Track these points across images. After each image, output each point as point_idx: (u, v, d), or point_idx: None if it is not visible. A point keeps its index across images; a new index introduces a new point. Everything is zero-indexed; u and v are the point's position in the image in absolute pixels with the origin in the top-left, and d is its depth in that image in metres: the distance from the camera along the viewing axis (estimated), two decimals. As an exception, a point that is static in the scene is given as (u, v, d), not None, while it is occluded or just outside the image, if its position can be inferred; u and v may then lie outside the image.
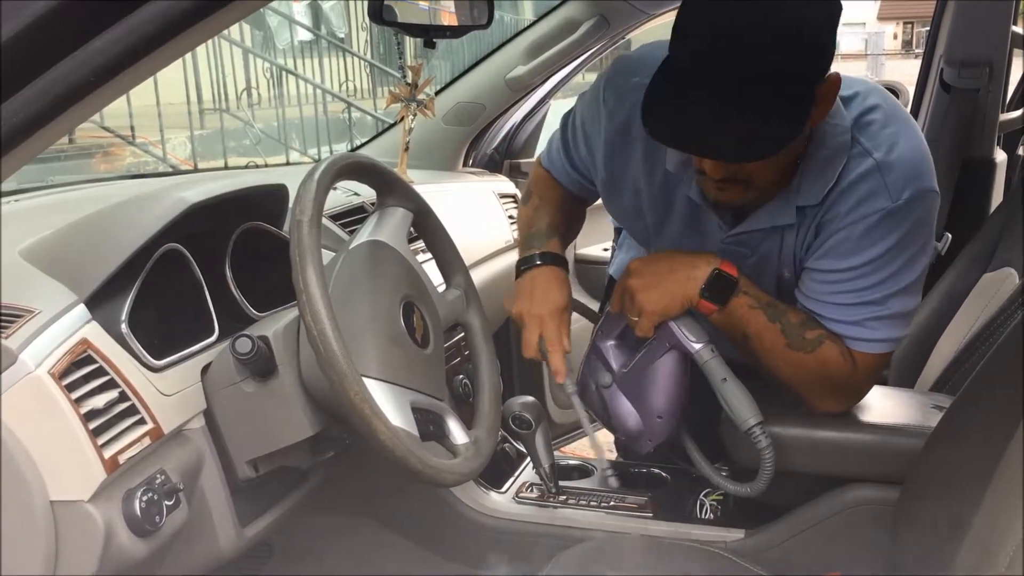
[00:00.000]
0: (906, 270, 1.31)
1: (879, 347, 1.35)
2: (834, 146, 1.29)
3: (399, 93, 2.07)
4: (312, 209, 1.12)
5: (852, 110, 1.31)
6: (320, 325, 1.05)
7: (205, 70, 6.82)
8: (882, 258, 1.29)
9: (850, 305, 1.32)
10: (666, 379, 1.39)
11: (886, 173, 1.27)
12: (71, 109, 0.82)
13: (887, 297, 1.31)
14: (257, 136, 7.01)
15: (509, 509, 1.64)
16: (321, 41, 8.19)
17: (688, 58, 1.17)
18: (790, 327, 1.34)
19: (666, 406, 1.40)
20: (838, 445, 1.42)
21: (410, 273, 1.32)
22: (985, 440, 0.99)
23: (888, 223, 1.28)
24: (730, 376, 1.35)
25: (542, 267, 1.47)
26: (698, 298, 1.33)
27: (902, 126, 1.31)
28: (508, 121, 2.51)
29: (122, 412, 1.11)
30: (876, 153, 1.28)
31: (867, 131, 1.30)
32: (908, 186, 1.27)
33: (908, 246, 1.30)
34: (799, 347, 1.34)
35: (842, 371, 1.35)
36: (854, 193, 1.29)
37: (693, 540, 1.48)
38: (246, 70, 7.16)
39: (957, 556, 0.95)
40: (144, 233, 1.20)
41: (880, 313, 1.32)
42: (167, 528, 1.14)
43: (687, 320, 1.36)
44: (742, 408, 1.34)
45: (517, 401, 1.57)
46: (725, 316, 1.34)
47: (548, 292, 1.45)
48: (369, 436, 1.08)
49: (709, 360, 1.35)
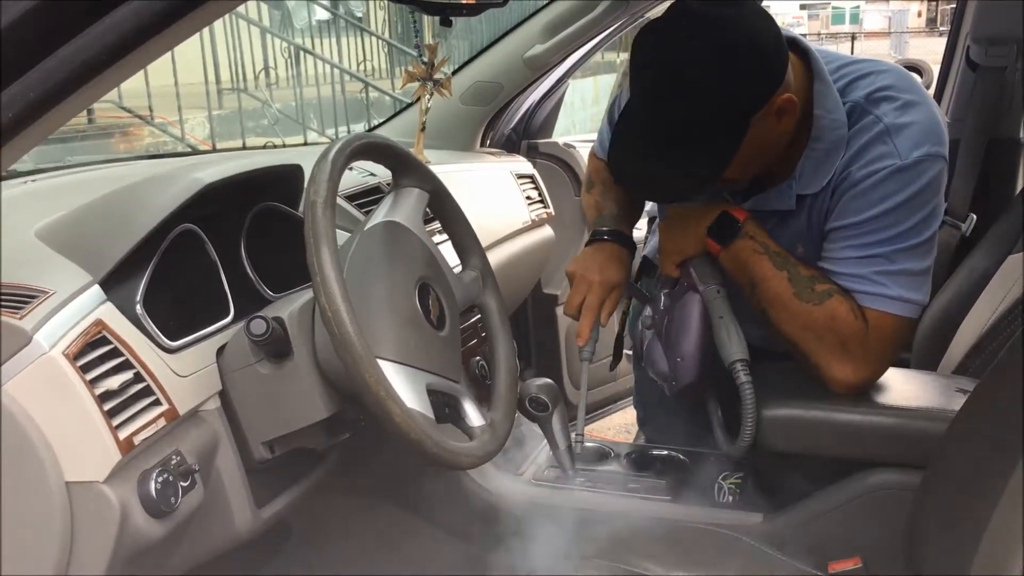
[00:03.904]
0: (915, 231, 1.34)
1: (889, 305, 1.35)
2: (832, 139, 1.36)
3: (415, 72, 2.06)
4: (327, 190, 1.11)
5: (865, 88, 1.37)
6: (335, 307, 1.05)
7: (223, 50, 6.82)
8: (891, 214, 1.33)
9: (858, 258, 1.36)
10: (686, 320, 1.45)
11: (895, 135, 1.33)
12: (84, 87, 0.82)
13: (894, 252, 1.34)
14: (275, 116, 7.00)
15: (526, 491, 1.64)
16: (339, 20, 8.16)
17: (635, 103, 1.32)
18: (798, 278, 1.38)
19: (686, 347, 1.45)
20: (859, 428, 1.40)
21: (426, 254, 1.31)
22: (1009, 424, 0.98)
23: (897, 180, 1.32)
24: (728, 315, 1.42)
25: (608, 242, 1.56)
26: (704, 237, 1.42)
27: (914, 98, 1.36)
28: (526, 101, 2.49)
29: (137, 393, 1.11)
30: (886, 119, 1.34)
31: (879, 104, 1.35)
32: (917, 148, 1.32)
33: (918, 207, 1.33)
34: (807, 298, 1.37)
35: (852, 329, 1.35)
36: (864, 155, 1.34)
37: (711, 524, 1.47)
38: (264, 50, 7.15)
39: (979, 542, 0.93)
40: (159, 214, 1.19)
41: (888, 268, 1.34)
42: (183, 509, 1.14)
43: (702, 262, 1.45)
44: (730, 344, 1.41)
45: (534, 383, 1.56)
46: (731, 258, 1.41)
47: (606, 265, 1.52)
48: (384, 418, 1.07)
49: (714, 299, 1.42)
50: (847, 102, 1.37)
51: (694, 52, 1.23)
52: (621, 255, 1.55)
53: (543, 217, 2.35)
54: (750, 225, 1.40)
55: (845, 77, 1.39)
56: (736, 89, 1.24)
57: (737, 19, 1.24)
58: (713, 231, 1.42)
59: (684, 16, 1.26)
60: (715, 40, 1.23)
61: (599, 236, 1.57)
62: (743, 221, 1.40)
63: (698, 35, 1.23)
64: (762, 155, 1.35)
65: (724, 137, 1.28)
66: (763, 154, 1.35)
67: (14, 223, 1.23)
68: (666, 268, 1.50)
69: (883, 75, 1.38)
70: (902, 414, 1.40)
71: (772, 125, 1.30)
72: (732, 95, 1.25)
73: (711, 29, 1.23)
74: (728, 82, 1.23)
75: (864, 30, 32.90)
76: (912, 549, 1.19)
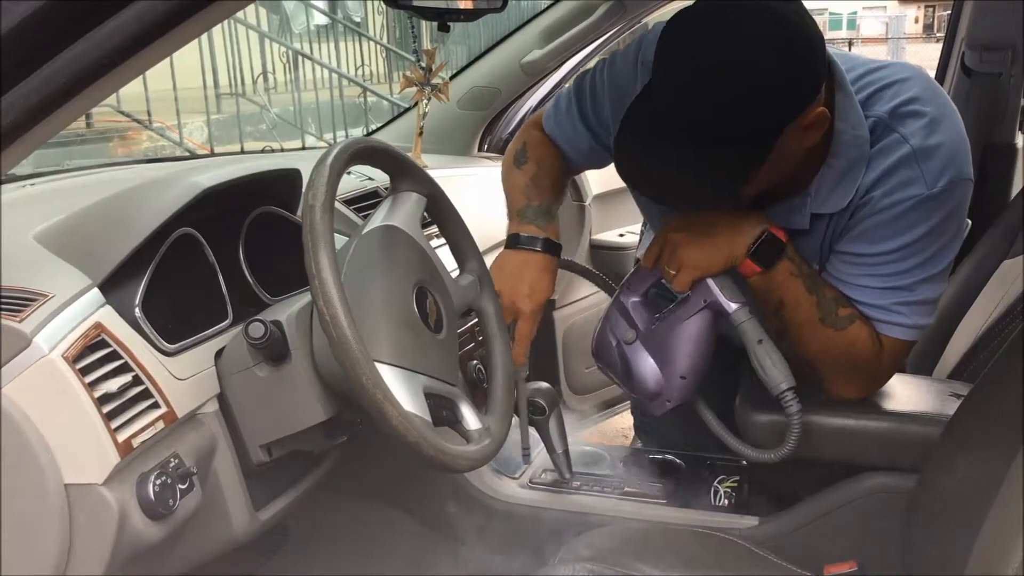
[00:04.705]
0: (937, 258, 1.30)
1: (906, 333, 1.35)
2: (854, 156, 1.28)
3: (413, 77, 2.07)
4: (325, 194, 1.11)
5: (889, 101, 1.28)
6: (332, 310, 1.05)
7: (221, 55, 6.83)
8: (914, 245, 1.28)
9: (879, 289, 1.32)
10: (695, 338, 1.37)
11: (922, 160, 1.25)
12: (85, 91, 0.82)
13: (916, 284, 1.31)
14: (273, 120, 7.01)
15: (522, 494, 1.64)
16: (337, 25, 8.18)
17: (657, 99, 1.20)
18: (825, 301, 1.32)
19: (690, 366, 1.38)
20: (854, 432, 1.41)
21: (423, 258, 1.31)
22: (1002, 428, 0.98)
23: (922, 210, 1.26)
24: (766, 339, 1.32)
25: (539, 254, 1.44)
26: (743, 257, 1.30)
27: (941, 111, 1.29)
28: (523, 106, 2.50)
29: (136, 396, 1.11)
30: (913, 140, 1.26)
31: (905, 121, 1.27)
32: (944, 174, 1.25)
33: (941, 234, 1.29)
34: (831, 323, 1.32)
35: (869, 354, 1.35)
36: (890, 180, 1.27)
37: (707, 527, 1.48)
38: (262, 54, 7.16)
39: (972, 545, 0.94)
40: (158, 218, 1.20)
41: (908, 299, 1.32)
42: (181, 512, 1.14)
43: (726, 279, 1.34)
44: (776, 371, 1.31)
45: (531, 387, 1.57)
46: (766, 280, 1.32)
47: (538, 283, 1.43)
48: (381, 421, 1.07)
49: (746, 321, 1.32)
50: (870, 116, 1.28)
51: (752, 42, 1.12)
52: (551, 266, 1.44)
53: (540, 222, 2.35)
54: (790, 247, 1.31)
55: (868, 87, 1.29)
56: (787, 89, 1.15)
57: (794, 14, 1.14)
58: (755, 251, 1.30)
59: (736, 3, 1.15)
60: (775, 31, 1.13)
61: (528, 244, 1.44)
62: (786, 242, 1.30)
63: (758, 24, 1.13)
64: (782, 167, 1.24)
65: (758, 141, 1.17)
66: (783, 166, 1.24)
67: (13, 226, 1.24)
68: (680, 283, 1.34)
69: (908, 84, 1.29)
70: (897, 418, 1.41)
71: (799, 136, 1.21)
72: (783, 94, 1.15)
73: (771, 19, 1.13)
74: (782, 79, 1.13)
75: (861, 36, 32.94)
76: (907, 552, 1.19)
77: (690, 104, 1.16)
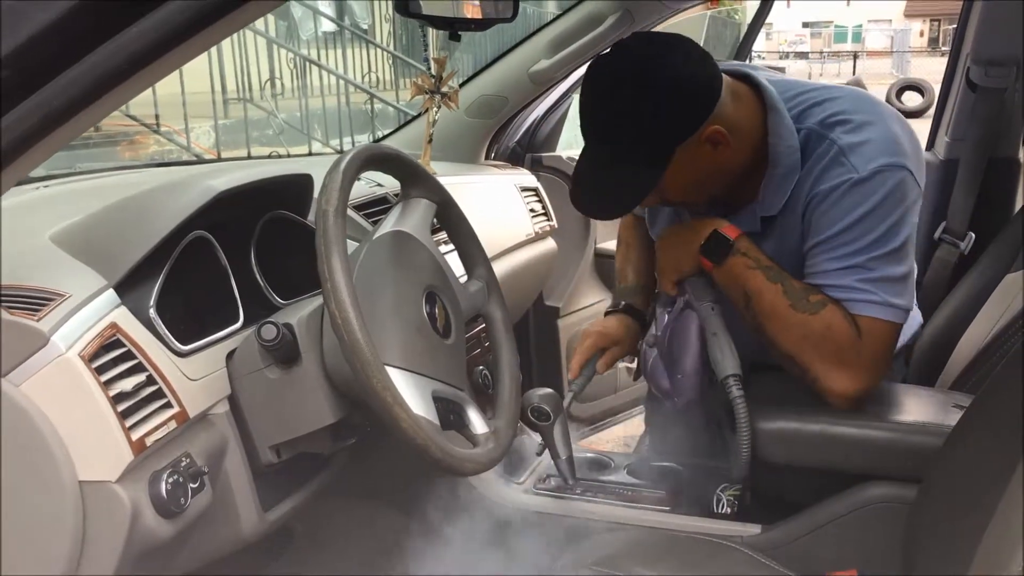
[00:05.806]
0: (885, 238, 1.38)
1: (877, 310, 1.39)
2: (788, 164, 1.44)
3: (424, 85, 2.08)
4: (338, 199, 1.13)
5: (819, 114, 1.44)
6: (344, 313, 1.07)
7: (229, 60, 6.85)
8: (859, 225, 1.38)
9: (838, 270, 1.40)
10: (684, 337, 1.51)
11: (849, 154, 1.39)
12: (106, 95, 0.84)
13: (871, 261, 1.38)
14: (280, 126, 7.03)
15: (527, 500, 1.65)
16: (345, 32, 8.21)
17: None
18: (792, 289, 1.42)
19: (684, 364, 1.50)
20: (856, 440, 1.42)
21: (433, 264, 1.33)
22: (1004, 440, 0.99)
23: (857, 192, 1.38)
24: (721, 331, 1.47)
25: (619, 313, 1.77)
26: (698, 255, 1.47)
27: (868, 118, 1.42)
28: (531, 115, 2.51)
29: (149, 395, 1.13)
30: (840, 140, 1.41)
31: (834, 128, 1.42)
32: (873, 161, 1.37)
33: (884, 215, 1.38)
34: (803, 308, 1.40)
35: (848, 337, 1.38)
36: (825, 176, 1.41)
37: (709, 534, 1.49)
38: (270, 60, 7.18)
39: (972, 557, 0.95)
40: (173, 220, 1.21)
41: (868, 275, 1.39)
42: (192, 510, 1.15)
43: (698, 280, 1.50)
44: (724, 359, 1.45)
45: (536, 393, 1.58)
46: (723, 274, 1.46)
47: (611, 323, 1.74)
48: (391, 424, 1.09)
49: (708, 316, 1.48)
50: (802, 129, 1.44)
51: (620, 86, 1.35)
52: (628, 323, 1.74)
53: (546, 230, 2.37)
54: (742, 241, 1.45)
55: (800, 105, 1.46)
56: (655, 120, 1.35)
57: (662, 59, 1.35)
58: (705, 249, 1.46)
59: (619, 54, 1.39)
60: (639, 78, 1.34)
61: (614, 308, 1.78)
62: (735, 238, 1.45)
63: (626, 71, 1.36)
64: (707, 180, 1.43)
65: (650, 162, 1.38)
66: (708, 179, 1.43)
67: (30, 227, 1.25)
68: (665, 286, 1.55)
69: (837, 101, 1.45)
70: (899, 428, 1.42)
71: (706, 153, 1.38)
72: (652, 125, 1.35)
73: (637, 67, 1.35)
74: (647, 114, 1.34)
75: (866, 49, 32.98)
76: (908, 561, 1.20)
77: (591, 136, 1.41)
